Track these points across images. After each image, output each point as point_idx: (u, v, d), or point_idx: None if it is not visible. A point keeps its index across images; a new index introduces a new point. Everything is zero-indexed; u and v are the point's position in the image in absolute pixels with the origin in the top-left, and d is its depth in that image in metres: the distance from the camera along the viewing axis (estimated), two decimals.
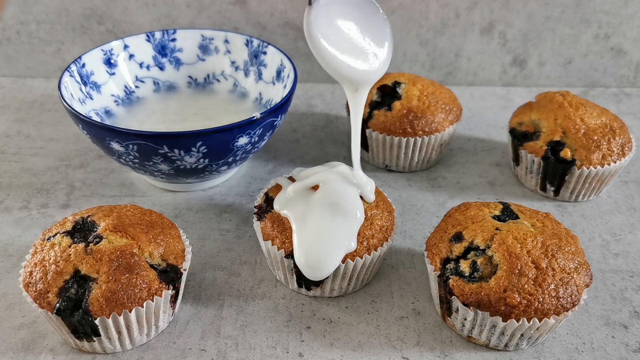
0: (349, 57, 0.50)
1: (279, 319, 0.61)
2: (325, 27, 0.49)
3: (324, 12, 0.49)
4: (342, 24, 0.50)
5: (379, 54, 0.52)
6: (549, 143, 0.75)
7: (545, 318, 0.53)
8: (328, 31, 0.49)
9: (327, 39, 0.49)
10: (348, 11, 0.51)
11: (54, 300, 0.52)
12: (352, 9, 0.51)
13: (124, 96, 0.83)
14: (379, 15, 0.52)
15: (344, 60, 0.50)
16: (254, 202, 0.74)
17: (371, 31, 0.52)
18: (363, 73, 0.51)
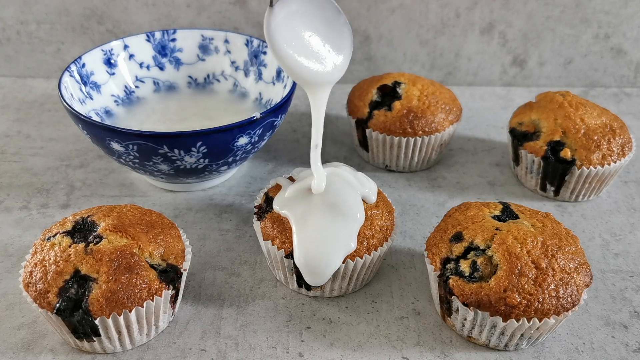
0: (304, 59, 0.51)
1: (279, 319, 0.61)
2: (285, 28, 0.49)
3: (284, 13, 0.50)
4: (301, 26, 0.51)
5: (336, 58, 0.53)
6: (549, 143, 0.75)
7: (545, 318, 0.53)
8: (287, 32, 0.50)
9: (285, 40, 0.49)
10: (309, 14, 0.51)
11: (54, 300, 0.52)
12: (314, 12, 0.52)
13: (124, 96, 0.83)
14: (341, 20, 0.53)
15: (299, 62, 0.50)
16: (254, 202, 0.74)
17: (331, 35, 0.52)
18: (317, 74, 0.52)
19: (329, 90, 0.54)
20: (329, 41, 0.52)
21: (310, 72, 0.51)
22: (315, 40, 0.52)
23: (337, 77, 0.53)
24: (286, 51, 0.50)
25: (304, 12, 0.51)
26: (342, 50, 0.53)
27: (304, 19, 0.51)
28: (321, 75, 0.52)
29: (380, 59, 1.03)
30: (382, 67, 1.04)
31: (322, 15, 0.52)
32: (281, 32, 0.49)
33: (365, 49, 1.02)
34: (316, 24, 0.52)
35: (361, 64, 1.04)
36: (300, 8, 0.51)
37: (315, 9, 0.52)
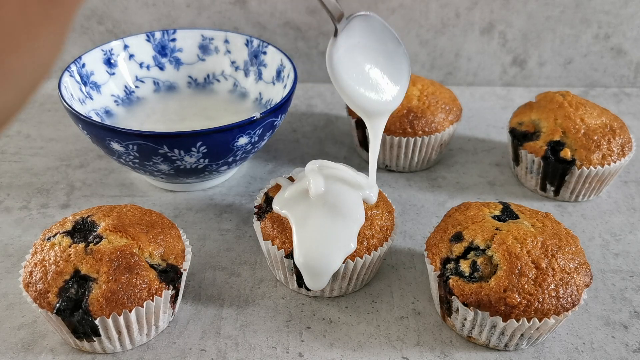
0: (364, 90, 0.53)
1: (279, 319, 0.61)
2: (347, 62, 0.51)
3: (346, 47, 0.51)
4: (362, 59, 0.53)
5: (394, 88, 0.55)
6: (549, 143, 0.75)
7: (545, 318, 0.53)
8: (349, 65, 0.52)
9: (347, 72, 0.51)
10: (369, 48, 0.53)
11: (54, 300, 0.52)
12: (374, 45, 0.53)
13: (124, 96, 0.83)
14: (400, 51, 0.55)
15: (359, 92, 0.52)
16: (254, 202, 0.74)
17: (390, 67, 0.54)
18: (375, 104, 0.54)
19: (387, 118, 0.56)
20: (388, 73, 0.54)
21: (370, 102, 0.53)
22: (374, 73, 0.54)
23: (395, 106, 0.55)
24: (347, 83, 0.52)
25: (364, 45, 0.53)
26: (400, 81, 0.55)
27: (365, 52, 0.53)
28: (379, 105, 0.54)
29: None
30: None
31: (382, 47, 0.54)
32: (344, 66, 0.51)
33: None
34: (376, 56, 0.54)
35: None
36: (361, 41, 0.53)
37: (375, 41, 0.54)
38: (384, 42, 0.54)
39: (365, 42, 0.53)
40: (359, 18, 0.52)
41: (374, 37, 0.54)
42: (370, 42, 0.53)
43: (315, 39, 1.01)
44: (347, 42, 0.52)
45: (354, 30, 0.52)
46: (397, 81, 0.55)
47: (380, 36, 0.54)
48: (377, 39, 0.54)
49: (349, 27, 0.51)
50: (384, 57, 0.54)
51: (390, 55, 0.54)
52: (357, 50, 0.53)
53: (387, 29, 0.54)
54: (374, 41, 0.54)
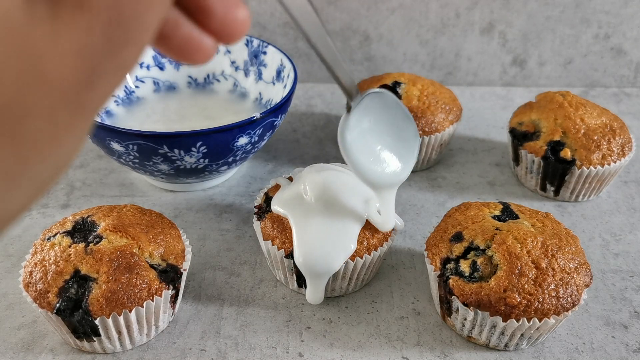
0: (373, 166, 0.56)
1: (279, 319, 0.61)
2: (358, 137, 0.54)
3: (360, 122, 0.54)
4: (373, 135, 0.56)
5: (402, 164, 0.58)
6: (549, 143, 0.75)
7: (545, 318, 0.53)
8: (359, 141, 0.54)
9: (358, 148, 0.54)
10: (380, 131, 0.56)
11: (54, 300, 0.52)
12: (385, 128, 0.56)
13: (124, 96, 0.83)
14: (411, 128, 0.58)
15: (369, 168, 0.55)
16: (254, 202, 0.74)
17: (400, 142, 0.57)
18: (383, 178, 0.57)
19: (395, 190, 0.59)
20: (398, 149, 0.57)
21: (379, 177, 0.56)
22: (384, 150, 0.57)
23: (402, 179, 0.58)
24: (359, 160, 0.55)
25: (376, 123, 0.55)
26: (408, 158, 0.58)
27: (376, 130, 0.56)
28: (388, 179, 0.57)
29: (380, 59, 1.03)
30: (382, 67, 1.04)
31: (393, 125, 0.57)
32: (356, 144, 0.54)
33: (365, 49, 1.02)
34: (387, 135, 0.56)
35: (361, 64, 1.04)
36: (373, 120, 0.55)
37: (387, 119, 0.56)
38: (395, 119, 0.57)
39: (377, 120, 0.56)
40: (372, 95, 0.54)
41: (385, 114, 0.56)
42: (382, 120, 0.56)
43: None
44: (359, 120, 0.54)
45: (366, 109, 0.54)
46: (406, 156, 0.58)
47: (392, 114, 0.56)
48: (388, 116, 0.56)
49: (362, 104, 0.53)
50: (395, 135, 0.57)
51: (401, 132, 0.57)
52: (369, 129, 0.55)
53: (399, 106, 0.57)
54: (386, 119, 0.56)
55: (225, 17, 0.28)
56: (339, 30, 1.00)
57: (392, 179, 0.58)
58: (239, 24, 0.28)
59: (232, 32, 0.29)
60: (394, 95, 0.56)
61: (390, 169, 0.57)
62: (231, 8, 0.28)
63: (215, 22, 0.28)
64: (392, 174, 0.57)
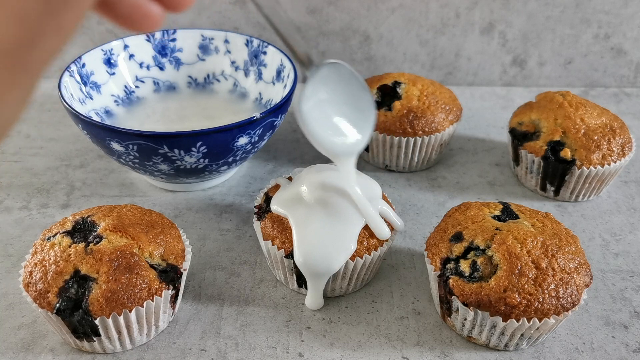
0: (330, 135, 0.57)
1: (279, 319, 0.61)
2: (314, 108, 0.55)
3: (316, 92, 0.55)
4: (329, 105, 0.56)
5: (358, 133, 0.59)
6: (549, 143, 0.75)
7: (545, 318, 0.53)
8: (316, 112, 0.55)
9: (314, 118, 0.55)
10: (337, 93, 0.56)
11: (54, 300, 0.52)
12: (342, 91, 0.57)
13: (124, 96, 0.83)
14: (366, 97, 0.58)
15: (326, 138, 0.56)
16: (254, 202, 0.74)
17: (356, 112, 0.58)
18: (340, 147, 0.58)
19: (354, 159, 0.60)
20: (354, 119, 0.58)
21: (336, 147, 0.57)
22: (341, 120, 0.58)
23: (359, 149, 0.59)
24: (316, 130, 0.55)
25: (332, 93, 0.56)
26: (365, 126, 0.59)
27: (332, 100, 0.56)
28: (345, 148, 0.58)
29: (380, 59, 1.03)
30: (382, 67, 1.04)
31: (349, 94, 0.57)
32: (312, 115, 0.55)
33: (365, 49, 1.02)
34: (343, 104, 0.57)
35: (361, 64, 1.04)
36: (329, 90, 0.56)
37: (343, 89, 0.57)
38: (351, 89, 0.57)
39: (333, 90, 0.56)
40: (328, 66, 0.55)
41: (341, 85, 0.57)
42: (338, 90, 0.57)
43: (315, 39, 1.01)
44: (316, 91, 0.55)
45: (323, 79, 0.55)
46: (362, 126, 0.59)
47: (347, 84, 0.57)
48: (344, 87, 0.57)
49: (318, 75, 0.54)
50: (351, 105, 0.58)
51: (357, 102, 0.58)
52: (325, 99, 0.56)
53: (354, 77, 0.57)
54: (342, 89, 0.57)
55: None
56: (339, 30, 1.00)
57: (350, 148, 0.58)
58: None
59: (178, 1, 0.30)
60: (349, 66, 0.57)
61: (348, 139, 0.58)
62: None
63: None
64: (349, 144, 0.58)
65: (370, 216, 0.60)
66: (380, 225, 0.60)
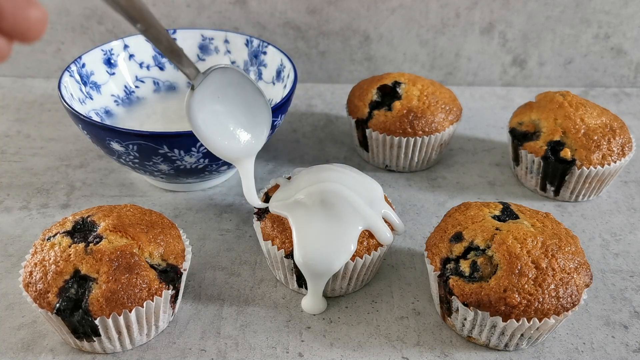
0: (221, 138, 0.58)
1: (279, 319, 0.61)
2: (204, 111, 0.56)
3: (205, 97, 0.56)
4: (220, 108, 0.58)
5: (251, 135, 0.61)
6: (549, 143, 0.75)
7: (545, 318, 0.53)
8: (206, 114, 0.57)
9: (204, 121, 0.57)
10: (228, 96, 0.58)
11: (54, 300, 0.52)
12: (232, 95, 0.58)
13: (124, 96, 0.83)
14: (260, 101, 0.60)
15: (216, 140, 0.58)
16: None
17: (248, 115, 0.60)
18: (232, 151, 0.60)
19: (250, 160, 0.61)
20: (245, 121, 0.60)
21: (228, 150, 0.59)
22: (231, 123, 0.59)
23: (254, 150, 0.61)
24: (206, 133, 0.57)
25: (222, 97, 0.57)
26: (257, 129, 0.61)
27: (222, 104, 0.58)
28: (238, 152, 0.60)
29: (380, 59, 1.03)
30: (382, 67, 1.04)
31: (240, 97, 0.59)
32: (202, 117, 0.56)
33: (365, 49, 1.02)
34: (234, 107, 0.59)
35: (361, 64, 1.04)
36: (219, 93, 0.57)
37: (234, 92, 0.58)
38: (244, 92, 0.59)
39: (224, 94, 0.58)
40: (216, 71, 0.56)
41: (232, 88, 0.58)
42: (228, 93, 0.58)
43: (315, 39, 1.01)
44: (205, 95, 0.56)
45: (212, 84, 0.56)
46: (256, 129, 0.61)
47: (238, 87, 0.58)
48: (235, 90, 0.58)
49: (207, 80, 0.55)
50: (244, 108, 0.59)
51: (249, 104, 0.59)
52: (215, 102, 0.57)
53: (246, 80, 0.58)
54: (232, 92, 0.58)
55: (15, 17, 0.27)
56: (339, 30, 1.00)
57: (244, 150, 0.60)
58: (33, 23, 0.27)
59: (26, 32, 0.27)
60: (240, 70, 0.58)
61: (242, 141, 0.60)
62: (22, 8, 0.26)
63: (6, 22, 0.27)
64: (244, 146, 0.60)
65: (373, 222, 0.60)
66: (383, 229, 0.61)
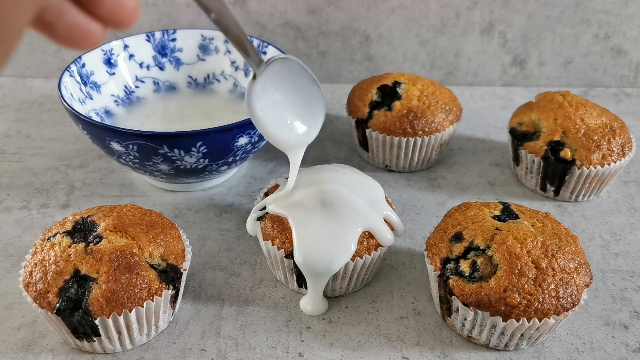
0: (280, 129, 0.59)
1: (279, 319, 0.61)
2: (264, 102, 0.57)
3: (266, 88, 0.57)
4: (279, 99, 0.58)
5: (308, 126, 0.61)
6: (549, 143, 0.75)
7: (545, 318, 0.53)
8: (266, 106, 0.57)
9: (264, 113, 0.57)
10: (287, 88, 0.59)
11: (54, 300, 0.52)
12: (292, 86, 0.59)
13: (124, 96, 0.83)
14: (316, 92, 0.61)
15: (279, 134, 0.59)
16: (254, 202, 0.74)
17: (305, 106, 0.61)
18: (290, 141, 0.60)
19: (303, 151, 0.63)
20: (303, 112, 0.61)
21: (286, 140, 0.60)
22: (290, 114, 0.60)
23: (308, 141, 0.62)
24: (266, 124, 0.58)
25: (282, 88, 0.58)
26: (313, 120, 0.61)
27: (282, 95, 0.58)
28: (294, 141, 0.61)
29: (380, 59, 1.03)
30: (382, 67, 1.04)
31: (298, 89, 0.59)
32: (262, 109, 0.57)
33: (365, 49, 1.02)
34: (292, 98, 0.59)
35: (361, 64, 1.04)
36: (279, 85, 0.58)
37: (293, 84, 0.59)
38: (301, 83, 0.59)
39: (282, 84, 0.58)
40: (278, 61, 0.56)
41: (290, 79, 0.59)
42: (286, 84, 0.58)
43: (315, 39, 1.01)
44: (265, 87, 0.57)
45: (271, 73, 0.56)
46: (311, 120, 0.61)
47: (297, 78, 0.59)
48: (293, 81, 0.59)
49: (268, 69, 0.56)
50: (300, 99, 0.60)
51: (306, 95, 0.60)
52: (274, 92, 0.58)
53: (304, 71, 0.59)
54: (291, 83, 0.59)
55: (113, 5, 0.28)
56: (339, 30, 1.00)
57: (300, 140, 0.61)
58: (128, 11, 0.29)
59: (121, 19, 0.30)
60: (298, 60, 0.58)
61: (298, 131, 0.60)
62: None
63: (104, 9, 0.29)
64: (299, 136, 0.61)
65: (374, 223, 0.60)
66: (384, 231, 0.61)
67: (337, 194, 0.60)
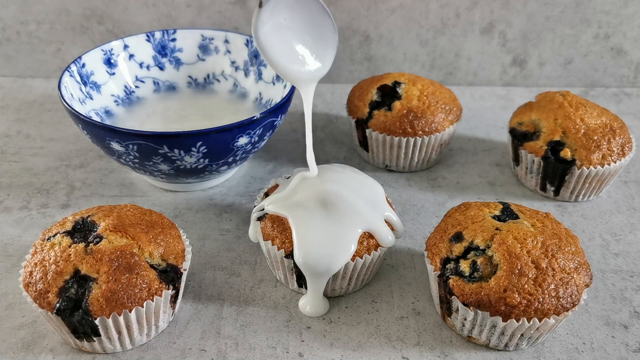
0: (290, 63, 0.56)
1: (279, 319, 0.61)
2: (272, 32, 0.54)
3: (273, 16, 0.54)
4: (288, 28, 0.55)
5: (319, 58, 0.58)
6: (549, 143, 0.75)
7: (545, 318, 0.53)
8: (273, 36, 0.54)
9: (270, 40, 0.54)
10: (295, 28, 0.56)
11: (54, 300, 0.52)
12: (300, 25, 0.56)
13: (124, 96, 0.83)
14: (327, 22, 0.57)
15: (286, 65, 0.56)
16: (254, 202, 0.74)
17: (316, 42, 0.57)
18: (302, 74, 0.57)
19: (314, 85, 0.59)
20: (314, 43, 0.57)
21: (296, 73, 0.57)
22: (300, 45, 0.56)
23: (320, 75, 0.58)
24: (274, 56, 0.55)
25: (290, 16, 0.55)
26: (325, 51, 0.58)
27: (290, 24, 0.55)
28: (305, 74, 0.57)
29: (380, 59, 1.03)
30: (382, 67, 1.04)
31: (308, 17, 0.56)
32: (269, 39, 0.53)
33: (365, 49, 1.02)
34: (302, 28, 0.56)
35: (361, 64, 1.04)
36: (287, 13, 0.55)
37: (302, 19, 0.55)
38: (312, 15, 0.56)
39: (293, 15, 0.55)
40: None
41: (298, 8, 0.55)
42: (297, 15, 0.55)
43: None
44: (272, 15, 0.53)
45: (279, 2, 0.54)
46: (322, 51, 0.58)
47: (306, 7, 0.56)
48: (305, 12, 0.56)
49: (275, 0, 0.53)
50: (310, 28, 0.56)
51: (317, 25, 0.57)
52: (284, 23, 0.55)
53: (315, 1, 0.56)
54: (299, 12, 0.55)
55: None
56: (339, 30, 1.00)
57: (311, 75, 0.58)
58: None
59: None
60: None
61: (308, 65, 0.57)
62: None
63: None
64: (310, 70, 0.58)
65: (374, 224, 0.60)
66: (384, 232, 0.61)
67: (338, 194, 0.60)
